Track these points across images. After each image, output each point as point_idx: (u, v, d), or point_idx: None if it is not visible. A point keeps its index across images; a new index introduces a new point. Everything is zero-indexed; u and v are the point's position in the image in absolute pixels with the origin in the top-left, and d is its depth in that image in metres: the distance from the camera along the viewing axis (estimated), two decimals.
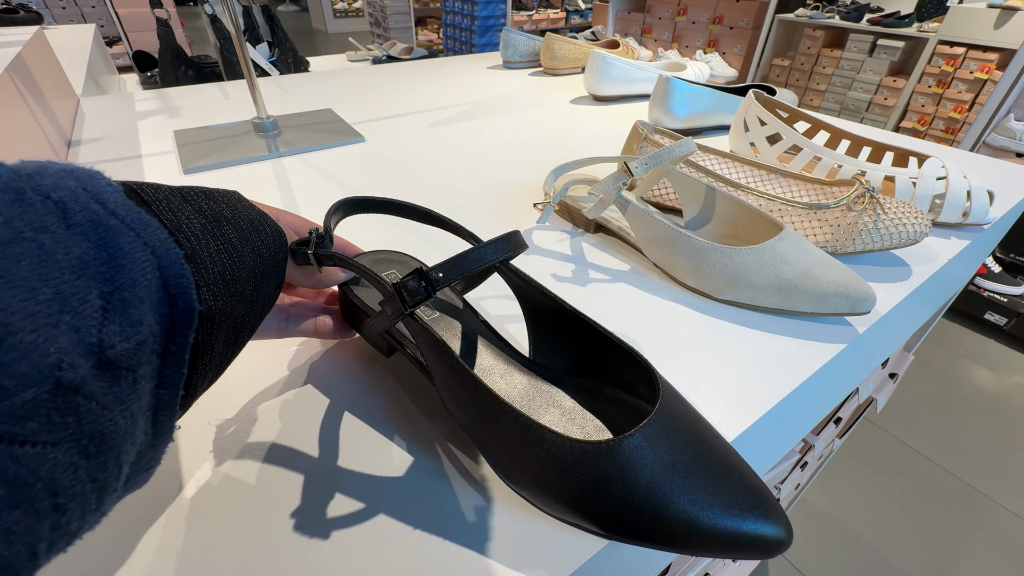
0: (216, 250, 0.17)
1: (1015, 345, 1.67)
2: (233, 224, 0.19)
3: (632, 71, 0.74)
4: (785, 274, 0.31)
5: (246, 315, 0.19)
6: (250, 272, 0.19)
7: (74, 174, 0.14)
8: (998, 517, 1.21)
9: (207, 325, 0.16)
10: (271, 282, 0.20)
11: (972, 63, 2.27)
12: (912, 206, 0.37)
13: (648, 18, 2.64)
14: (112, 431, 0.12)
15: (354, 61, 1.64)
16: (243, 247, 0.18)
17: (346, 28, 6.68)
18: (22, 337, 0.11)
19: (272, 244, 0.20)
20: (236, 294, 0.18)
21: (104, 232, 0.13)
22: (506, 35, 0.92)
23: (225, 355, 0.18)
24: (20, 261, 0.11)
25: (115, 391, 0.13)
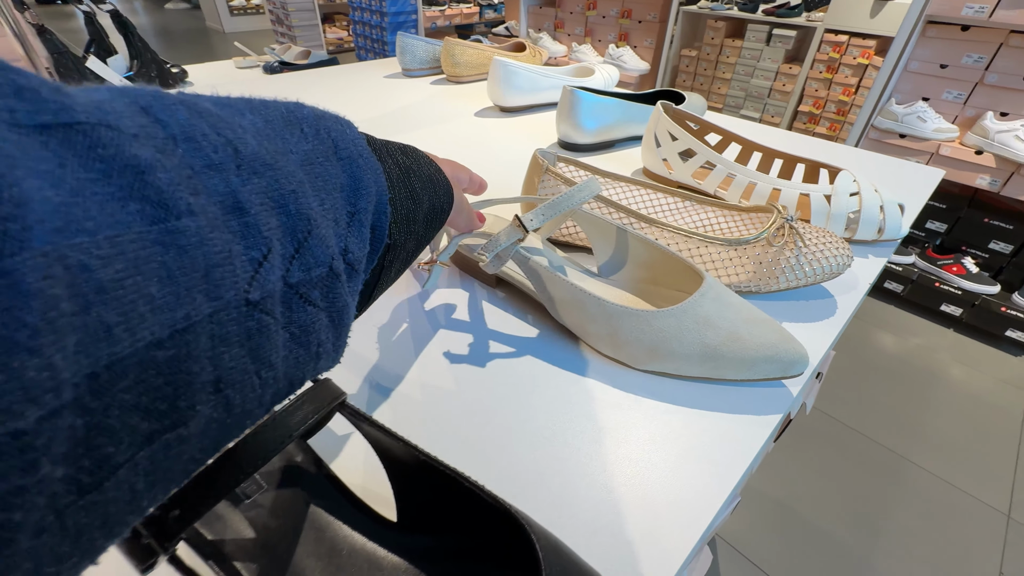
0: (404, 196, 0.21)
1: (912, 309, 1.83)
2: (418, 176, 0.22)
3: (538, 79, 0.69)
4: (710, 339, 0.27)
5: (415, 249, 0.23)
6: (425, 216, 0.22)
7: (339, 120, 0.19)
8: (914, 475, 1.31)
9: (391, 253, 0.20)
10: (435, 227, 0.24)
11: (855, 49, 2.46)
12: (832, 235, 0.35)
13: (560, 13, 2.63)
14: (347, 311, 0.16)
15: (243, 68, 1.47)
16: (423, 196, 0.22)
17: (245, 27, 6.19)
18: (320, 230, 0.15)
19: (443, 197, 0.24)
20: (413, 233, 0.21)
21: (355, 167, 0.17)
22: (402, 40, 0.84)
23: (396, 275, 0.22)
24: (318, 178, 0.16)
25: (351, 284, 0.17)
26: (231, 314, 0.12)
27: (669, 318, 0.27)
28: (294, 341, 0.14)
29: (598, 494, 0.23)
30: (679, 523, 0.22)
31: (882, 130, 1.64)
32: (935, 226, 1.76)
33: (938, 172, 0.57)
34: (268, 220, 0.13)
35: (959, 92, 1.56)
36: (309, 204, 0.14)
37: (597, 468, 0.25)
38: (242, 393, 0.12)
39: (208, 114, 0.13)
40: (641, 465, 0.25)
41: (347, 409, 0.19)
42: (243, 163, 0.13)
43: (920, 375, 1.60)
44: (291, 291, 0.14)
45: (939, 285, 1.72)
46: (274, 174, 0.14)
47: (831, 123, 2.73)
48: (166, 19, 6.47)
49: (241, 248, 0.12)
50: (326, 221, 0.15)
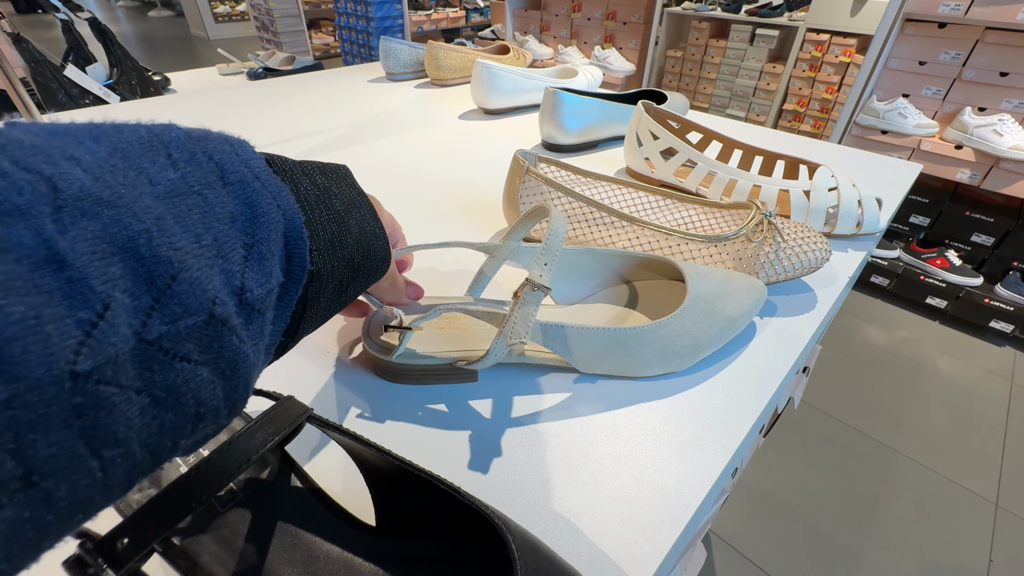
0: (327, 219, 0.19)
1: (897, 303, 1.85)
2: (339, 197, 0.20)
3: (521, 81, 0.69)
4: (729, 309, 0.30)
5: (351, 279, 0.21)
6: (356, 241, 0.20)
7: (228, 141, 0.16)
8: (901, 465, 1.33)
9: (316, 283, 0.19)
10: (376, 254, 0.22)
11: (836, 48, 2.50)
12: (810, 229, 0.35)
13: (545, 15, 2.64)
14: (243, 360, 0.14)
15: (227, 75, 1.46)
16: (348, 218, 0.20)
17: (230, 34, 6.15)
18: (191, 273, 0.13)
19: (371, 220, 0.22)
20: (343, 259, 0.20)
21: (251, 192, 0.16)
22: (385, 44, 0.84)
23: (330, 308, 0.21)
24: (191, 210, 0.14)
25: (249, 328, 0.15)
26: (44, 393, 0.10)
27: (694, 310, 0.28)
28: (158, 406, 0.12)
29: (580, 492, 0.23)
30: (661, 519, 0.23)
31: (864, 127, 1.66)
32: (918, 220, 1.78)
33: (915, 166, 0.58)
34: (105, 270, 0.11)
35: (938, 88, 1.59)
36: (173, 243, 0.13)
37: (579, 466, 0.25)
38: (70, 482, 0.10)
39: (18, 146, 0.11)
40: (622, 463, 0.25)
41: (316, 421, 0.19)
42: (65, 204, 0.11)
43: (907, 367, 1.62)
44: (151, 348, 0.12)
45: (924, 278, 1.74)
46: (115, 213, 0.12)
47: (815, 120, 2.76)
48: (149, 27, 6.41)
49: (62, 310, 0.10)
50: (205, 260, 0.13)
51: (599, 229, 0.37)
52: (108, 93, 0.84)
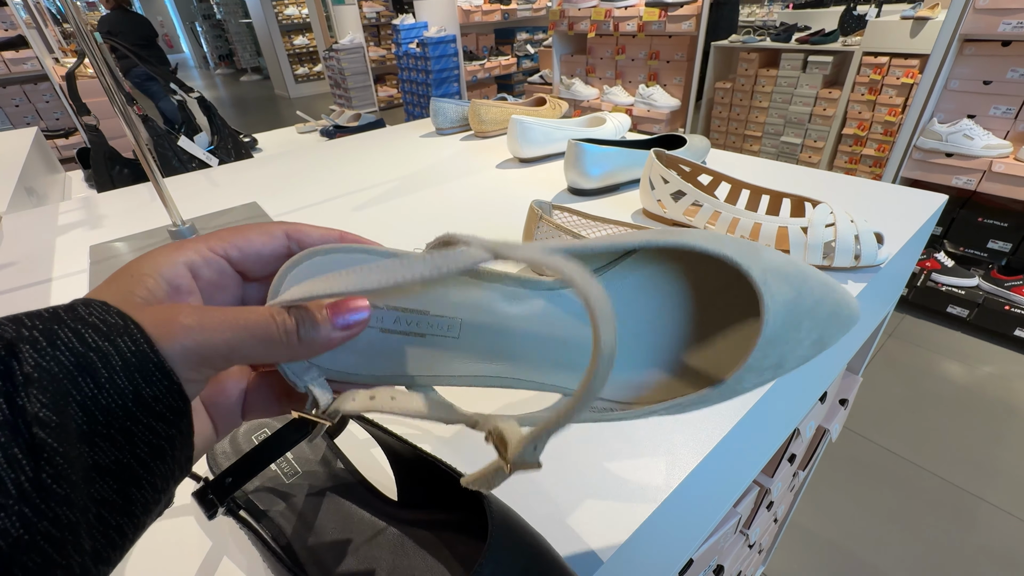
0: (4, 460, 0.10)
1: (980, 335, 1.70)
2: (37, 384, 0.11)
3: (551, 132, 0.76)
4: None
5: (125, 484, 0.13)
6: (86, 439, 0.12)
7: None
8: (990, 516, 1.20)
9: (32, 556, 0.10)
10: (152, 426, 0.13)
11: (897, 70, 2.41)
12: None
13: (590, 59, 2.76)
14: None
15: (303, 133, 1.67)
16: (61, 413, 0.11)
17: (308, 92, 6.86)
18: None
19: (121, 382, 0.12)
20: (75, 487, 0.11)
21: None
22: (434, 104, 0.95)
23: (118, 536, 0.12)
24: None
25: None
26: None
27: None
28: None
29: (564, 478, 0.28)
30: (632, 504, 0.27)
31: (926, 150, 1.60)
32: (998, 246, 1.65)
33: (941, 197, 0.58)
34: None
35: (1008, 107, 1.50)
36: None
37: (567, 464, 0.29)
38: None
39: None
40: (601, 454, 0.29)
41: (356, 417, 0.26)
42: None
43: (994, 407, 1.47)
44: None
45: (1010, 308, 1.60)
46: None
47: (879, 144, 2.65)
48: (241, 90, 7.28)
49: None
50: None
51: None
52: (210, 157, 1.01)
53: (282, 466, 0.26)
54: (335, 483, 0.26)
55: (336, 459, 0.27)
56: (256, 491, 0.25)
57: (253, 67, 8.16)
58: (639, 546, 0.26)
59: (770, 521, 0.74)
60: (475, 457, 0.30)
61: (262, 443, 0.20)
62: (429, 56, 3.96)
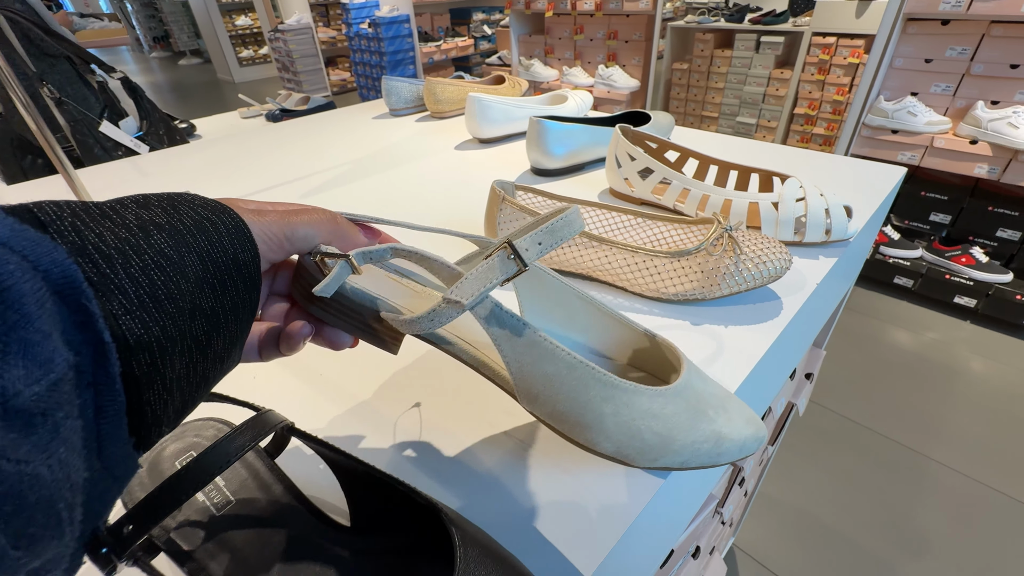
0: (140, 267, 0.15)
1: (924, 303, 1.80)
2: (168, 231, 0.16)
3: (511, 110, 0.73)
4: (701, 423, 0.24)
5: (211, 330, 0.16)
6: (198, 281, 0.16)
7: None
8: (937, 473, 1.28)
9: (145, 355, 0.14)
10: (237, 286, 0.17)
11: (844, 49, 2.49)
12: (771, 240, 0.37)
13: (549, 39, 2.71)
14: (33, 484, 0.11)
15: (247, 118, 1.56)
16: (182, 256, 0.16)
17: (255, 76, 6.49)
18: None
19: (228, 243, 0.17)
20: (181, 312, 0.15)
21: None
22: (387, 83, 0.89)
23: (197, 376, 0.16)
24: None
25: (32, 440, 0.11)
26: None
27: (681, 398, 0.24)
28: None
29: (535, 495, 0.26)
30: (608, 519, 0.24)
31: (874, 127, 1.65)
32: (939, 218, 1.74)
33: (899, 170, 0.58)
34: None
35: (947, 84, 1.57)
36: None
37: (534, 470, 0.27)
38: None
39: None
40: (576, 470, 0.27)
41: (299, 433, 0.22)
42: None
43: (938, 370, 1.56)
44: None
45: (950, 277, 1.69)
46: None
47: (828, 123, 2.74)
48: (180, 74, 6.82)
49: None
50: None
51: (573, 251, 0.39)
52: (139, 144, 0.92)
53: (212, 495, 0.23)
54: (277, 511, 0.22)
55: (277, 482, 0.23)
56: (180, 528, 0.21)
57: (192, 50, 7.64)
58: (622, 554, 0.24)
59: (740, 496, 0.75)
60: (434, 476, 0.27)
61: (181, 471, 0.17)
62: (382, 37, 3.81)
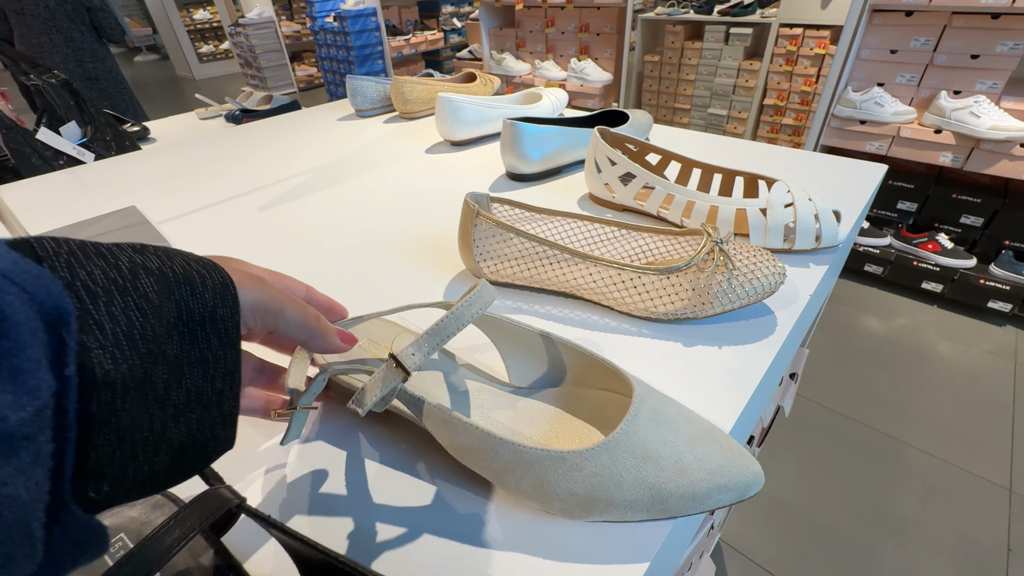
0: (123, 307, 0.15)
1: (893, 290, 1.84)
2: (156, 276, 0.17)
3: (484, 111, 0.69)
4: (652, 476, 0.22)
5: (170, 378, 0.16)
6: (168, 327, 0.16)
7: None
8: (910, 457, 1.31)
9: (107, 392, 0.14)
10: (210, 340, 0.18)
11: (810, 40, 2.52)
12: (763, 253, 0.35)
13: (520, 32, 2.67)
14: (12, 505, 0.11)
15: (206, 119, 1.48)
16: (162, 301, 0.16)
17: (216, 72, 6.25)
18: None
19: (209, 297, 0.18)
20: (150, 354, 0.16)
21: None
22: (352, 83, 0.85)
23: (151, 430, 0.16)
24: None
25: (13, 463, 0.11)
26: None
27: (601, 456, 0.22)
28: None
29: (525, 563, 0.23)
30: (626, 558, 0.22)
31: (843, 118, 1.67)
32: (906, 206, 1.78)
33: (881, 167, 0.58)
34: None
35: (911, 75, 1.59)
36: None
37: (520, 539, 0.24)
38: None
39: None
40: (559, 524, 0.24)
41: (250, 512, 0.19)
42: None
43: (909, 355, 1.60)
44: None
45: (917, 264, 1.74)
46: None
47: (797, 113, 2.78)
48: (136, 72, 6.51)
49: None
50: None
51: (554, 267, 0.36)
52: (83, 152, 0.85)
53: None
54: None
55: (226, 566, 0.20)
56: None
57: (148, 45, 7.30)
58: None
59: None
60: (400, 564, 0.24)
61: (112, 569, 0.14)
62: (348, 31, 3.70)
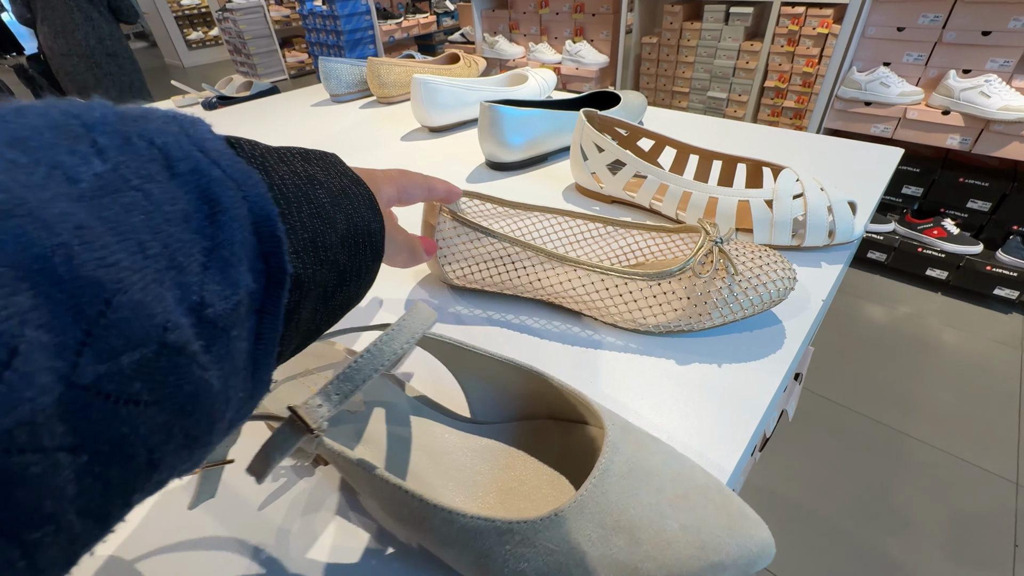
0: (308, 213, 0.16)
1: (896, 277, 1.80)
2: (326, 188, 0.18)
3: (463, 94, 0.64)
4: (624, 553, 0.17)
5: (338, 285, 0.18)
6: (342, 239, 0.17)
7: (176, 120, 0.13)
8: (914, 450, 1.28)
9: (296, 292, 0.15)
10: (366, 252, 0.19)
11: (813, 20, 2.44)
12: (771, 253, 0.30)
13: (513, 14, 2.59)
14: (206, 392, 0.12)
15: (183, 107, 1.42)
16: (335, 213, 0.17)
17: (205, 59, 6.11)
18: (132, 295, 0.10)
19: (365, 213, 0.19)
20: (327, 261, 0.17)
21: (206, 182, 0.13)
22: (325, 65, 0.79)
23: (313, 323, 0.17)
24: (129, 212, 0.11)
25: (213, 351, 0.12)
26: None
27: (560, 527, 0.17)
28: (99, 463, 0.10)
29: None
30: None
31: (847, 100, 1.61)
32: (911, 191, 1.73)
33: (897, 151, 0.53)
34: (7, 303, 0.09)
35: (919, 54, 1.53)
36: (104, 257, 0.10)
37: None
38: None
39: None
40: None
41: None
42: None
43: (912, 344, 1.56)
44: (86, 394, 0.10)
45: (922, 250, 1.69)
46: (16, 225, 0.09)
47: (799, 96, 2.70)
48: None
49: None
50: (151, 274, 0.11)
51: (528, 272, 0.32)
52: None
53: None
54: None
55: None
56: None
57: (136, 32, 7.14)
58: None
59: None
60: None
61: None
62: (338, 15, 3.61)
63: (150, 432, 0.11)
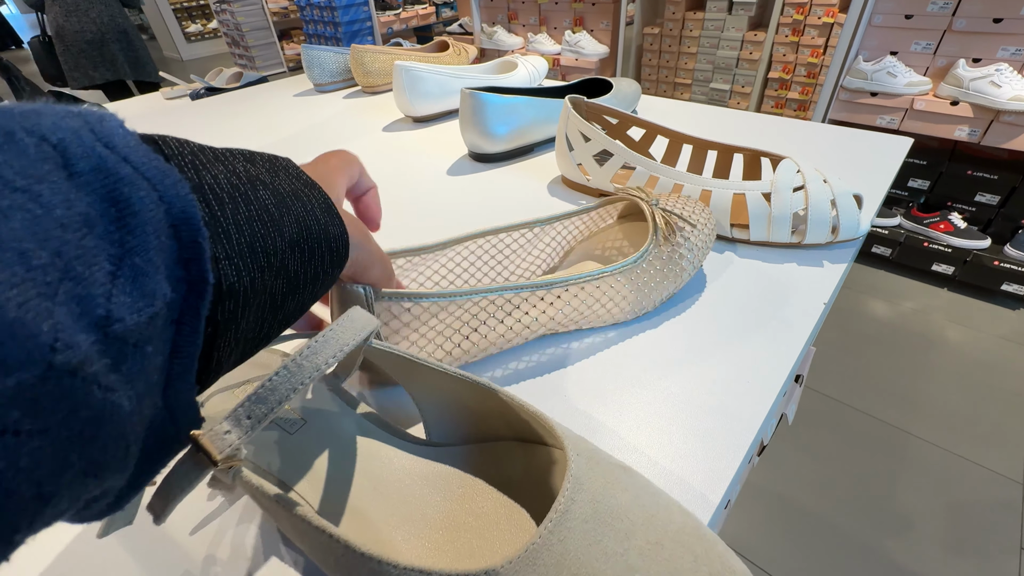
0: (246, 216, 0.15)
1: (901, 272, 1.76)
2: (271, 190, 0.16)
3: (448, 81, 0.61)
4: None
5: (288, 292, 0.16)
6: (291, 244, 0.16)
7: (81, 115, 0.12)
8: (917, 449, 1.25)
9: (230, 301, 0.14)
10: (324, 258, 0.18)
11: (818, 9, 2.39)
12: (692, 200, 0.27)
13: (512, 3, 2.54)
14: (113, 414, 0.11)
15: (172, 99, 1.39)
16: (282, 215, 0.16)
17: (204, 52, 6.07)
18: (7, 312, 0.09)
19: (320, 216, 0.17)
20: (272, 267, 0.15)
21: (113, 182, 0.11)
22: (307, 53, 0.76)
23: (261, 332, 0.16)
24: (9, 217, 0.09)
25: (123, 370, 0.11)
26: None
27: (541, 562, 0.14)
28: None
29: None
30: None
31: (852, 90, 1.57)
32: (917, 184, 1.69)
33: (906, 141, 0.49)
34: None
35: (928, 42, 1.48)
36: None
37: None
38: None
39: None
40: None
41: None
42: None
43: (916, 341, 1.53)
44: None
45: (928, 244, 1.65)
46: None
47: (803, 87, 2.65)
48: None
49: None
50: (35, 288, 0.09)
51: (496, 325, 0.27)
52: None
53: None
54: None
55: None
56: None
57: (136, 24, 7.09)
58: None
59: None
60: None
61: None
62: (336, 6, 3.56)
63: (35, 464, 0.09)
